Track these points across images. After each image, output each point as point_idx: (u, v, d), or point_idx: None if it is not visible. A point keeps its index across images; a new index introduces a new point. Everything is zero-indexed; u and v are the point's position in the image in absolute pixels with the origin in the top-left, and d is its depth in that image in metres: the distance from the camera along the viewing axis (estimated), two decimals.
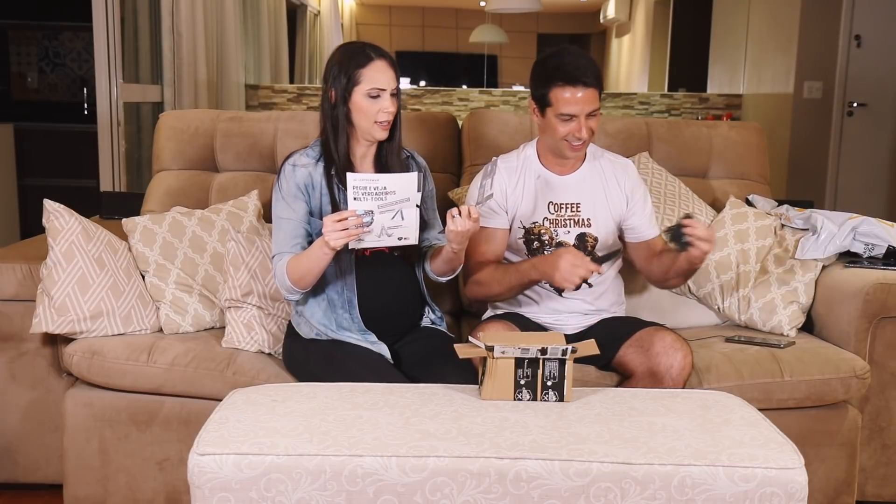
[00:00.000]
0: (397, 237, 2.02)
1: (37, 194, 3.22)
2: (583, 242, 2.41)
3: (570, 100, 2.26)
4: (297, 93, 6.65)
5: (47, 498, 2.56)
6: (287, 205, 2.22)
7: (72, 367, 2.34)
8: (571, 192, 2.42)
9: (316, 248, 2.09)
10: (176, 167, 2.90)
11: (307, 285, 2.17)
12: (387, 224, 2.00)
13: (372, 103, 2.17)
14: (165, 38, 4.65)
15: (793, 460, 1.61)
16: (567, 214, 2.41)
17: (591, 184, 2.43)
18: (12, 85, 5.98)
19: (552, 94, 2.28)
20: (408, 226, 2.02)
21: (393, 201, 1.98)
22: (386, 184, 1.97)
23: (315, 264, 2.11)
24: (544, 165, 2.44)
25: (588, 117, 2.29)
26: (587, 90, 2.25)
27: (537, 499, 1.58)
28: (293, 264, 2.15)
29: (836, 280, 2.58)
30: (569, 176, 2.43)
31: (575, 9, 11.52)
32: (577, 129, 2.28)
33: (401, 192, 1.98)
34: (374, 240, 2.02)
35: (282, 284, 2.20)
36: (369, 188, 1.96)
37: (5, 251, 2.57)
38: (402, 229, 2.02)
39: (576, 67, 2.25)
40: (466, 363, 2.13)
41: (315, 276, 2.15)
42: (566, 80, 2.26)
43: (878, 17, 5.53)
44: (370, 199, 1.97)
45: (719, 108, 6.70)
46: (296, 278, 2.15)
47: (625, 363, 2.28)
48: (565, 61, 2.27)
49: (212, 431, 1.67)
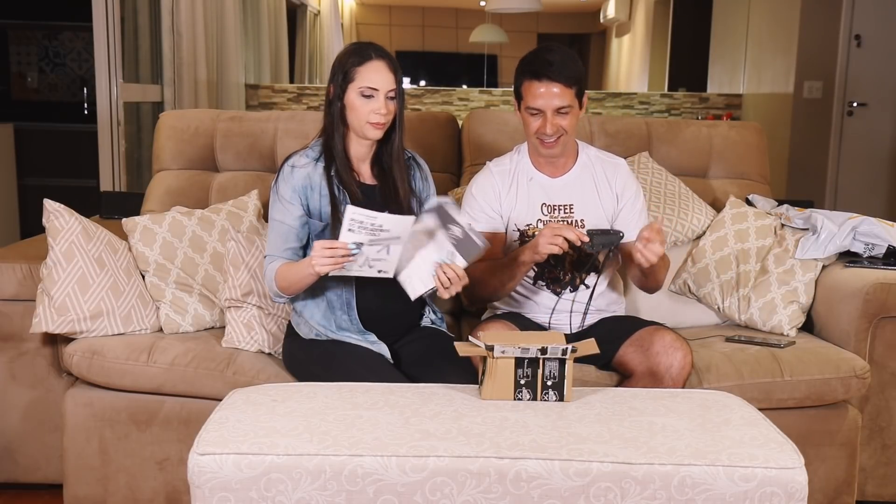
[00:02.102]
0: (377, 269, 2.05)
1: (37, 194, 3.22)
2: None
3: (536, 94, 2.27)
4: (297, 93, 6.65)
5: (47, 498, 2.56)
6: (282, 207, 2.22)
7: (72, 366, 2.34)
8: (564, 193, 2.42)
9: (303, 266, 2.11)
10: (176, 167, 2.90)
11: (293, 294, 2.21)
12: (371, 256, 2.02)
13: (364, 102, 2.17)
14: (165, 37, 4.66)
15: (793, 460, 1.61)
16: (560, 216, 2.41)
17: (583, 184, 2.43)
18: (12, 85, 5.98)
19: (523, 88, 2.31)
20: (390, 260, 2.04)
21: (385, 238, 2.00)
22: (383, 223, 1.98)
23: (300, 280, 2.14)
24: (535, 167, 2.44)
25: (558, 114, 2.28)
26: (554, 84, 2.25)
27: (537, 499, 1.58)
28: (282, 272, 2.18)
29: (836, 280, 2.58)
30: (560, 178, 2.43)
31: (575, 9, 11.52)
32: (543, 126, 2.28)
33: (394, 232, 2.00)
34: (355, 269, 2.04)
35: (269, 287, 2.23)
36: (366, 223, 1.97)
37: (5, 251, 2.57)
38: (383, 262, 2.05)
39: (547, 62, 2.26)
40: (466, 363, 2.13)
41: (299, 290, 2.19)
42: (533, 74, 2.27)
43: (878, 17, 5.53)
44: (364, 233, 1.98)
45: (719, 107, 6.70)
46: (283, 286, 2.19)
47: (625, 363, 2.28)
48: (538, 56, 2.29)
49: (212, 431, 1.67)
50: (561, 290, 2.42)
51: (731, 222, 2.75)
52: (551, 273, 2.42)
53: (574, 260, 2.40)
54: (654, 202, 2.76)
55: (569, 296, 2.41)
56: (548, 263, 2.40)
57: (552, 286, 2.43)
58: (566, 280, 2.41)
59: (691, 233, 2.79)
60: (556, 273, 2.41)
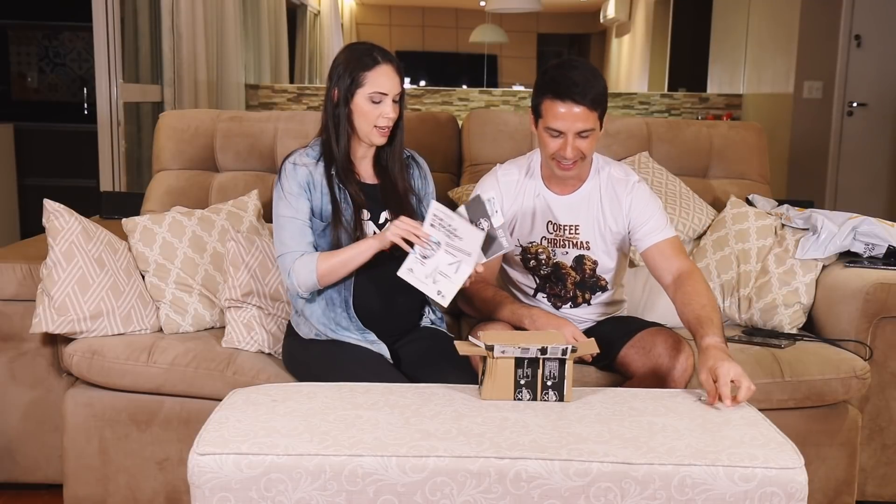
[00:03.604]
0: (437, 290, 2.02)
1: (37, 194, 3.22)
2: (580, 265, 2.36)
3: (557, 115, 2.14)
4: (297, 93, 6.65)
5: (47, 498, 2.56)
6: (290, 203, 2.21)
7: (72, 366, 2.34)
8: (571, 213, 2.33)
9: (362, 243, 2.12)
10: (176, 167, 2.90)
11: (332, 280, 2.18)
12: (442, 268, 2.01)
13: (373, 108, 2.17)
14: (165, 38, 4.66)
15: (793, 460, 1.61)
16: (566, 235, 2.34)
17: (591, 205, 2.33)
18: (12, 85, 5.98)
19: (543, 106, 2.18)
20: (454, 283, 2.01)
21: (458, 247, 2.00)
22: (458, 227, 1.99)
23: (354, 257, 2.13)
24: (545, 183, 2.34)
25: (579, 137, 2.17)
26: (578, 107, 2.12)
27: (537, 499, 1.58)
28: (325, 257, 2.16)
29: (836, 280, 2.58)
30: (569, 196, 2.33)
31: (575, 9, 11.52)
32: (563, 148, 2.17)
33: (467, 243, 1.99)
34: (421, 278, 2.03)
35: (304, 281, 2.17)
36: (445, 222, 2.00)
37: (5, 251, 2.57)
38: (446, 282, 2.01)
39: (572, 82, 2.12)
40: (466, 363, 2.13)
41: (346, 272, 2.17)
42: (557, 94, 2.14)
43: (878, 17, 5.53)
44: (443, 232, 2.00)
45: (719, 107, 6.70)
46: (325, 272, 2.16)
47: (626, 364, 2.27)
48: (563, 74, 2.16)
49: (212, 431, 1.66)
50: (561, 305, 2.41)
51: (732, 222, 2.75)
52: (552, 290, 2.40)
53: (576, 281, 2.38)
54: None
55: (568, 309, 2.41)
56: (549, 281, 2.38)
57: (552, 300, 2.41)
58: (567, 297, 2.40)
59: (692, 232, 2.79)
60: (558, 290, 2.39)
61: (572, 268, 2.36)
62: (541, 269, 2.37)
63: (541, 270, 2.37)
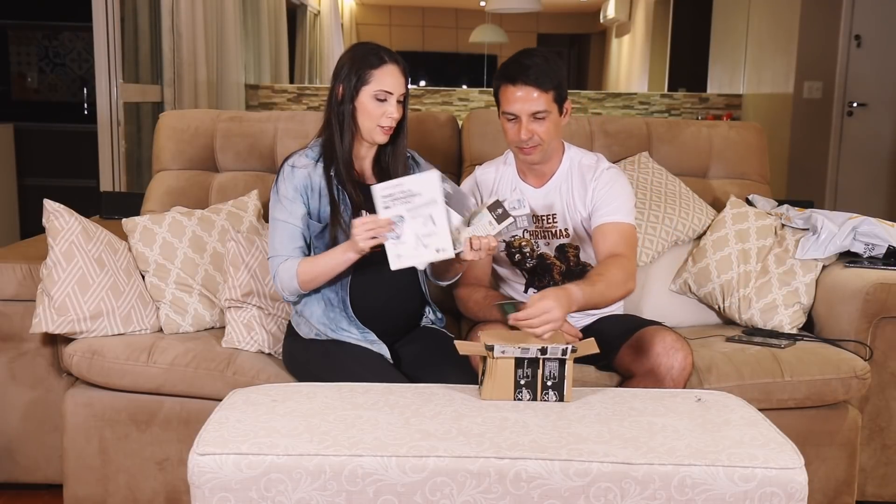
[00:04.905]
0: (434, 249, 2.00)
1: (37, 194, 3.21)
2: (563, 254, 2.39)
3: (510, 98, 2.20)
4: (297, 93, 6.65)
5: (47, 498, 2.56)
6: (284, 207, 2.22)
7: (72, 367, 2.34)
8: (546, 203, 2.38)
9: (338, 252, 2.10)
10: (176, 167, 2.90)
11: (314, 287, 2.19)
12: (420, 232, 1.99)
13: (377, 106, 2.17)
14: (165, 38, 4.66)
15: (793, 460, 1.61)
16: (545, 226, 2.38)
17: (562, 193, 2.38)
18: (12, 85, 5.98)
19: (500, 93, 2.25)
20: (441, 232, 1.99)
21: (420, 204, 1.98)
22: (409, 186, 1.97)
23: (334, 268, 2.13)
24: (521, 177, 2.40)
25: (534, 120, 2.21)
26: (527, 88, 2.17)
27: (537, 499, 1.58)
28: (306, 266, 2.16)
29: (836, 280, 2.58)
30: (543, 187, 2.39)
31: (575, 9, 11.52)
32: (517, 132, 2.21)
33: (426, 194, 1.98)
34: (411, 253, 2.00)
35: (287, 286, 2.20)
36: (395, 194, 1.97)
37: (5, 251, 2.57)
38: (436, 238, 1.99)
39: (524, 66, 2.18)
40: (466, 363, 2.13)
41: (327, 279, 2.17)
42: (508, 79, 2.21)
43: (878, 17, 5.53)
44: (398, 203, 1.97)
45: (719, 108, 6.70)
46: (306, 280, 2.16)
47: (625, 363, 2.27)
48: (516, 59, 2.22)
49: (212, 431, 1.66)
50: None
51: (732, 222, 2.75)
52: (541, 283, 2.41)
53: (563, 271, 2.39)
54: (655, 202, 2.76)
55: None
56: (536, 274, 2.40)
57: None
58: None
59: (692, 232, 2.79)
60: (546, 283, 2.40)
61: (556, 258, 2.37)
62: (526, 263, 2.39)
63: (526, 264, 2.39)
